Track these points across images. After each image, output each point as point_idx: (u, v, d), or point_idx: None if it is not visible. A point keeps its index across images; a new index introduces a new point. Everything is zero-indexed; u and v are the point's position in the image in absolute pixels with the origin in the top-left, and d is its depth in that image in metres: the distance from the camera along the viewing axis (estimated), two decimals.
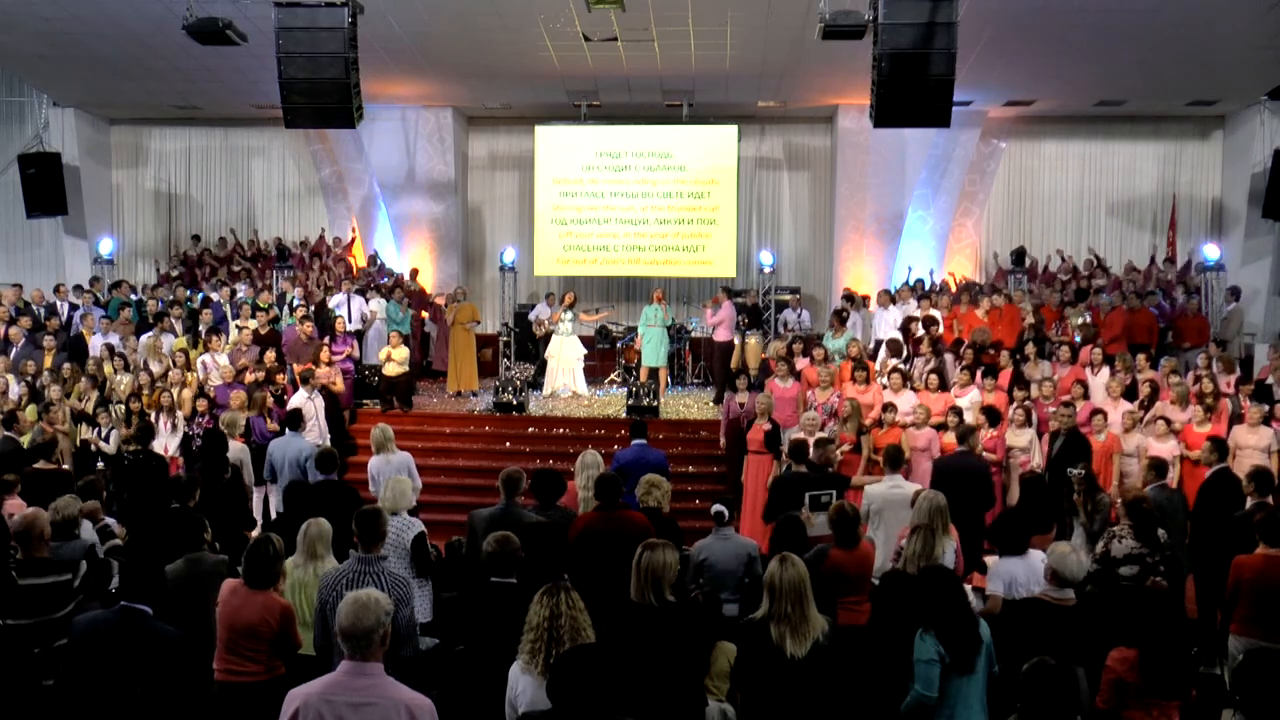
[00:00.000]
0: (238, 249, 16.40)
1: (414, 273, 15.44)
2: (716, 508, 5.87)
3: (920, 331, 11.58)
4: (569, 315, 13.49)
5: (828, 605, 4.72)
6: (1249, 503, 6.97)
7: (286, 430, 8.89)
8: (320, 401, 10.46)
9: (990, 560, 5.83)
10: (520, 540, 4.73)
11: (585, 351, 13.74)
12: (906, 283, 14.40)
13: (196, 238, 16.88)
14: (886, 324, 12.72)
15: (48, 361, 11.58)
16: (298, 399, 10.19)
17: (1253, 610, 5.47)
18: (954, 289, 14.20)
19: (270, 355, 11.38)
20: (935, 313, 12.12)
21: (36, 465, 8.05)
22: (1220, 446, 7.93)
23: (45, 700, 4.64)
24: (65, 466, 9.52)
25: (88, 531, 6.09)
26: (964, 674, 4.27)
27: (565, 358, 13.52)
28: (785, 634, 4.25)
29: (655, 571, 4.47)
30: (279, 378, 11.07)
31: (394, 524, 5.89)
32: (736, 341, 13.00)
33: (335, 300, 13.48)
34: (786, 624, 4.25)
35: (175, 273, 15.83)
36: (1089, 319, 12.31)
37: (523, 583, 4.83)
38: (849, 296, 14.00)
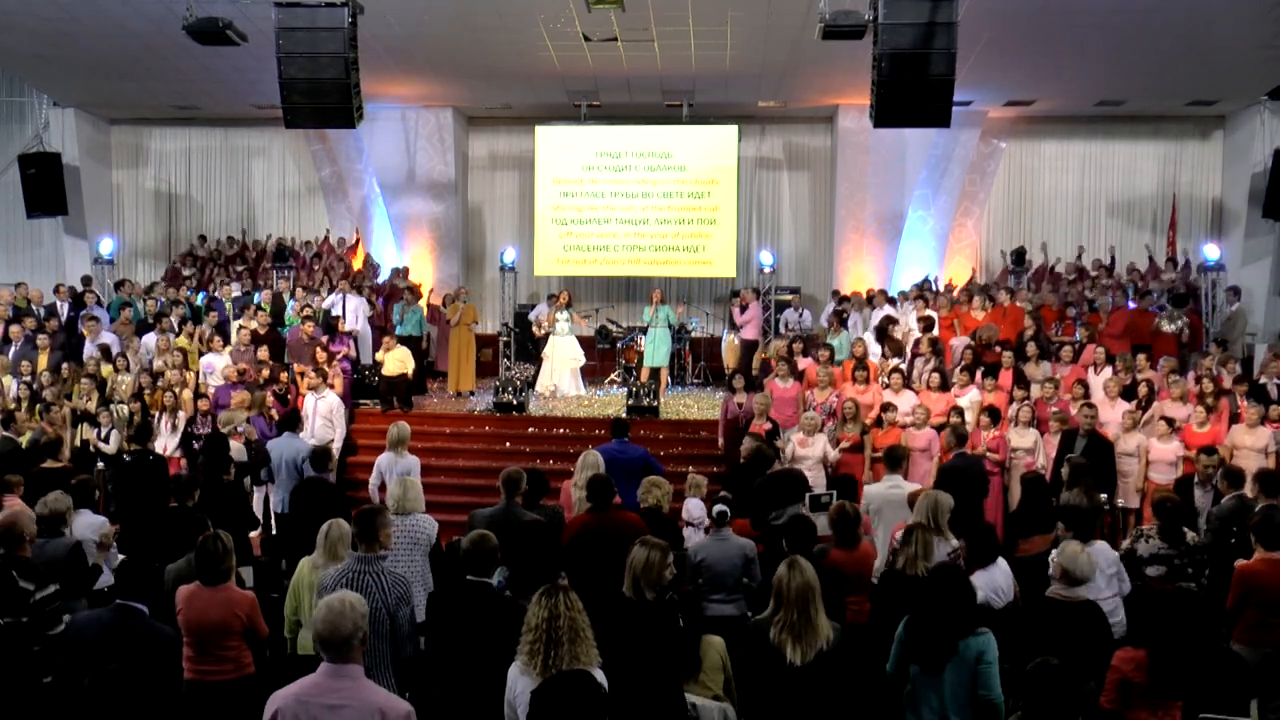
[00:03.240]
0: (243, 249, 16.42)
1: (405, 271, 15.45)
2: (719, 508, 5.86)
3: (904, 332, 11.64)
4: (564, 315, 13.48)
5: (834, 606, 4.71)
6: (1260, 505, 6.92)
7: (284, 432, 8.92)
8: (334, 401, 10.49)
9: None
10: (519, 539, 4.73)
11: (582, 353, 13.74)
12: (919, 283, 14.38)
13: (203, 237, 16.88)
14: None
15: (43, 361, 11.57)
16: (308, 402, 10.25)
17: (1260, 618, 5.32)
18: (955, 290, 14.19)
19: (264, 353, 11.37)
20: (931, 313, 12.12)
21: (44, 465, 8.06)
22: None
23: (39, 698, 4.63)
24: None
25: (80, 529, 6.09)
26: (928, 673, 4.23)
27: (560, 358, 13.51)
28: (787, 640, 4.19)
29: (650, 568, 4.47)
30: (282, 377, 11.07)
31: (412, 522, 5.88)
32: (762, 341, 13.10)
33: (330, 300, 13.43)
34: (790, 631, 4.20)
35: (187, 272, 15.78)
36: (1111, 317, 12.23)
37: (512, 580, 4.84)
38: (845, 297, 14.02)
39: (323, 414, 10.40)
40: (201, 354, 11.87)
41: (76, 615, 4.55)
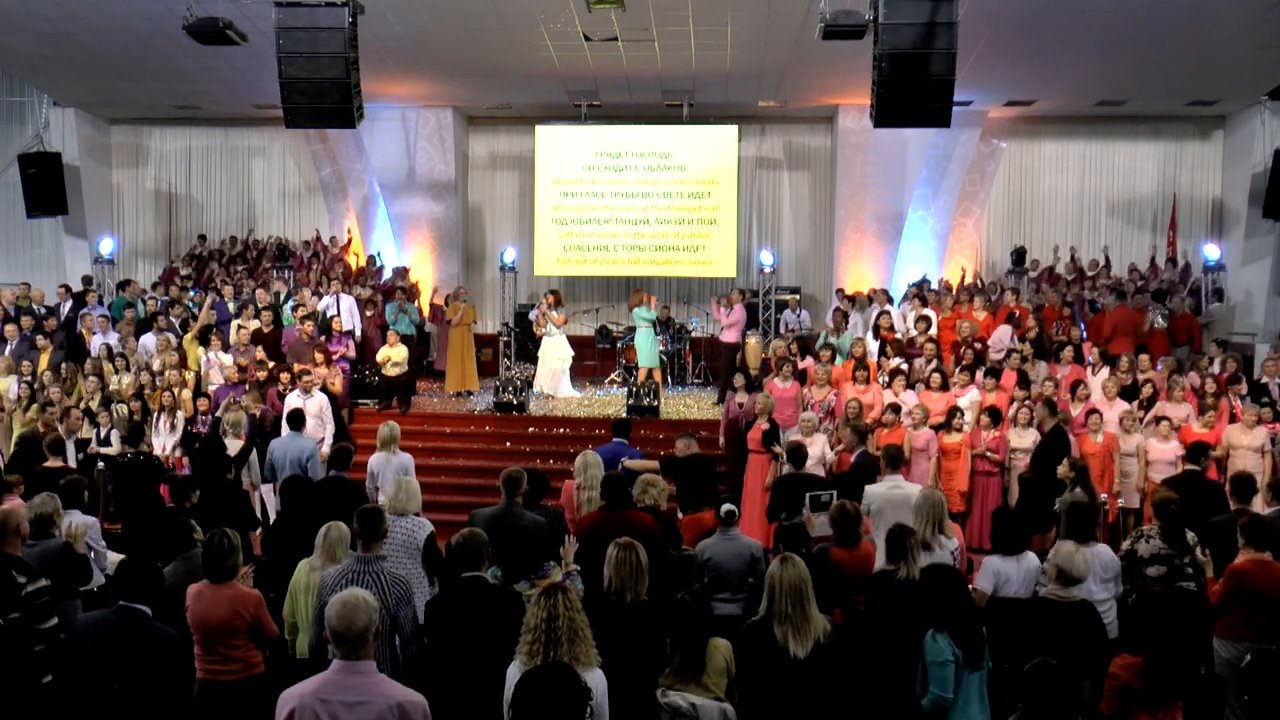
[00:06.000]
0: (244, 248, 16.43)
1: (404, 271, 15.46)
2: (726, 507, 5.86)
3: (896, 332, 11.65)
4: (553, 315, 13.44)
5: (834, 605, 4.71)
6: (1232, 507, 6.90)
7: (285, 430, 8.88)
8: (323, 400, 10.47)
9: (981, 557, 5.84)
10: (520, 539, 4.72)
11: (571, 353, 13.67)
12: (917, 282, 14.38)
13: (203, 237, 16.90)
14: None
15: (44, 362, 11.58)
16: (293, 399, 10.21)
17: (1244, 615, 5.38)
18: (954, 289, 14.19)
19: (259, 352, 11.34)
20: (928, 312, 12.11)
21: (46, 464, 8.05)
22: (1194, 451, 7.86)
23: (40, 698, 4.61)
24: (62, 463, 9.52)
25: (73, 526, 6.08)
26: (973, 670, 4.30)
27: (549, 358, 13.47)
28: (788, 634, 4.24)
29: (634, 569, 4.47)
30: (283, 376, 11.07)
31: (406, 524, 5.87)
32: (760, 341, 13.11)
33: (324, 302, 13.40)
34: (789, 624, 4.25)
35: (185, 271, 15.77)
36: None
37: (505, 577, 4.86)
38: (849, 297, 14.01)
39: (313, 412, 10.38)
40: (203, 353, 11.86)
41: (79, 617, 4.54)
